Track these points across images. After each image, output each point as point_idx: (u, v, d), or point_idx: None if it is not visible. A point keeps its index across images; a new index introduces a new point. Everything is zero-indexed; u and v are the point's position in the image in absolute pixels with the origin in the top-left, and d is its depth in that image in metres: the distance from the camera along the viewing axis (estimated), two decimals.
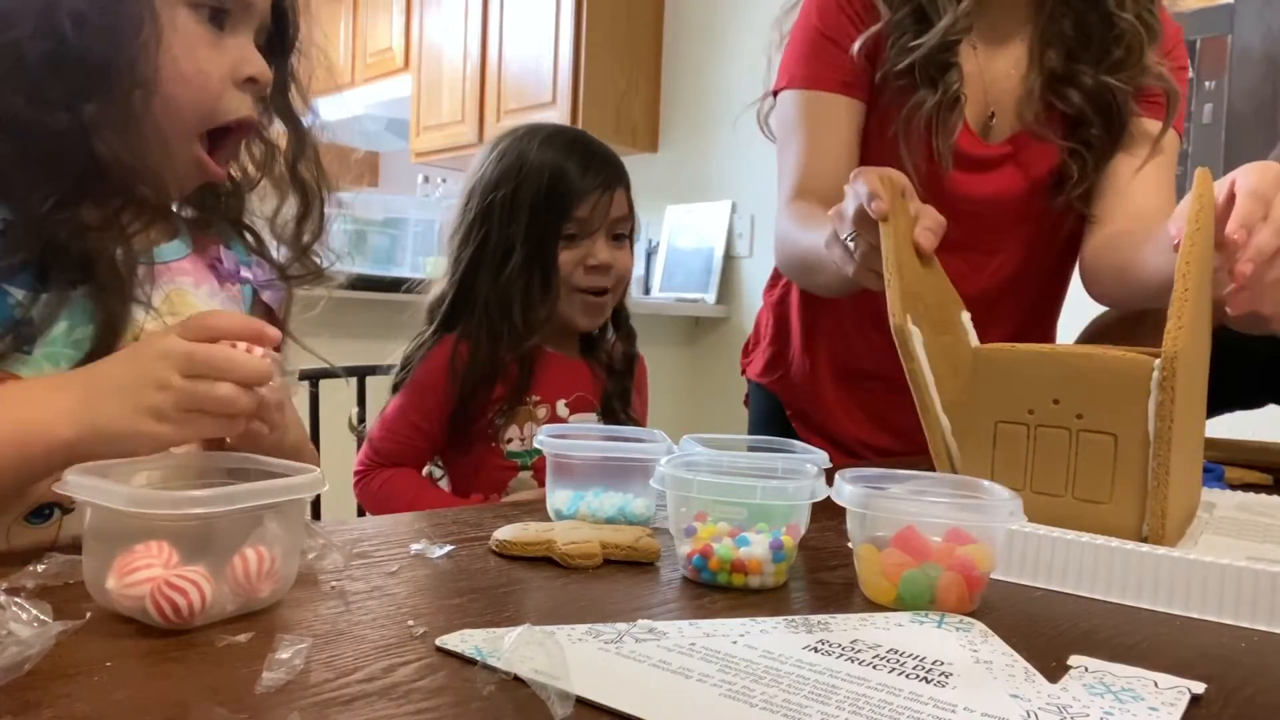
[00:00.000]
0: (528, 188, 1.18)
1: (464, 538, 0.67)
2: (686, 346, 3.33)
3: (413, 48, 3.85)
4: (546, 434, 0.75)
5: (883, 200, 0.79)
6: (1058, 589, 0.62)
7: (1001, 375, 0.71)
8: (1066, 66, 1.12)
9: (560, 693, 0.39)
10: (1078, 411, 0.68)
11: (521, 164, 1.19)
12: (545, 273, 1.18)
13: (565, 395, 1.23)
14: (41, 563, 0.52)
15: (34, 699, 0.38)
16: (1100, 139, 1.14)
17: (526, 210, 1.18)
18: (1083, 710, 0.42)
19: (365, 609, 0.52)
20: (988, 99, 1.15)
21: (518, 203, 1.18)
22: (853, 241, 0.85)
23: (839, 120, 1.14)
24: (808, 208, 1.11)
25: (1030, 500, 0.66)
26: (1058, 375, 0.69)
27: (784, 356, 1.32)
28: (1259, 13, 2.19)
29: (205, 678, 0.41)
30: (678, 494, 0.61)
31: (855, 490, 0.59)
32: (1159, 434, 0.64)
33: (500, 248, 1.19)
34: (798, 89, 1.16)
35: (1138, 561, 0.60)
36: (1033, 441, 0.70)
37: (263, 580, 0.49)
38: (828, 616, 0.54)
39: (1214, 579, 0.58)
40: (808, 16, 1.16)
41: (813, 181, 1.14)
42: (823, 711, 0.41)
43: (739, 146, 3.09)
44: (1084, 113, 1.13)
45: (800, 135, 1.16)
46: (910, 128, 1.10)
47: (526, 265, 1.18)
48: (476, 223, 1.21)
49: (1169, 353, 0.63)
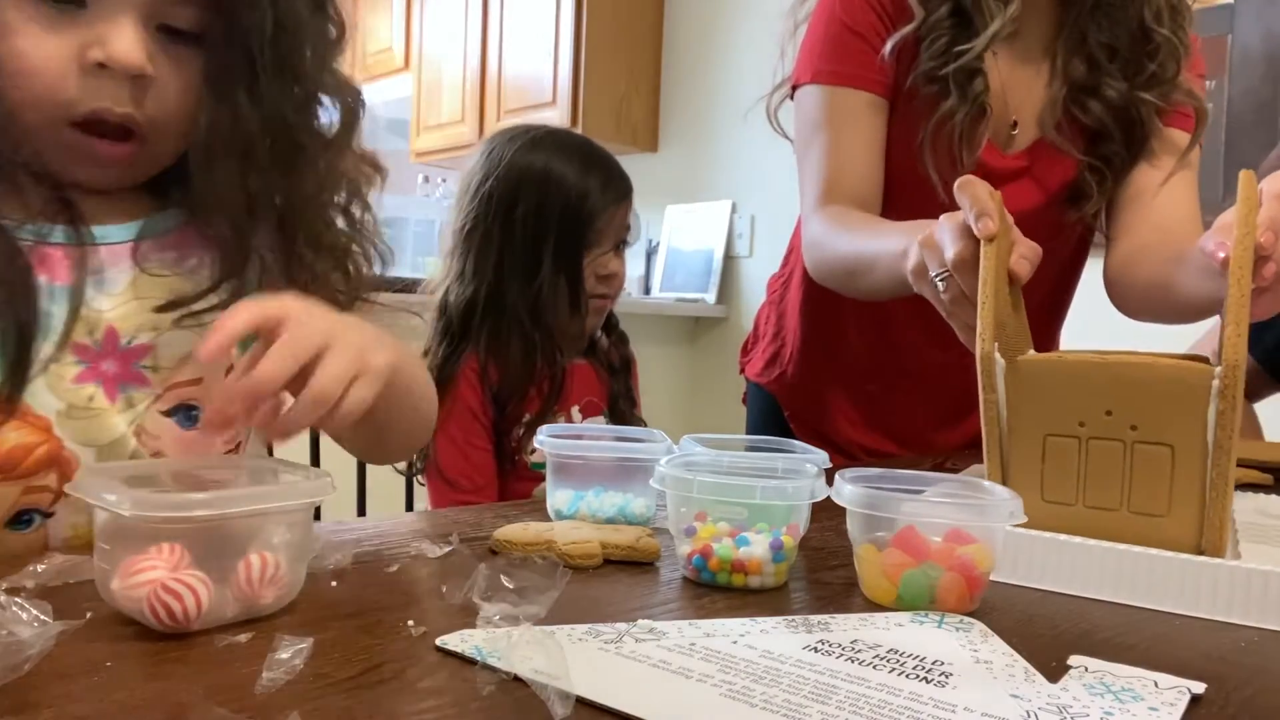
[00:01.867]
0: (553, 205, 1.19)
1: (464, 538, 0.67)
2: (686, 346, 3.33)
3: (413, 48, 3.85)
4: (546, 434, 0.75)
5: (993, 219, 0.73)
6: (1062, 590, 0.62)
7: (1049, 386, 0.68)
8: (1092, 77, 1.09)
9: (560, 693, 0.39)
10: (1132, 423, 0.65)
11: (545, 178, 1.20)
12: (574, 285, 1.20)
13: (578, 401, 1.24)
14: (41, 563, 0.52)
15: (34, 699, 0.38)
16: (1119, 155, 1.12)
17: (554, 226, 1.19)
18: (1083, 710, 0.42)
19: (365, 609, 0.52)
20: (1009, 108, 1.12)
21: (544, 218, 1.19)
22: (943, 282, 0.79)
23: (866, 119, 1.11)
24: (844, 211, 1.08)
25: (1084, 515, 0.66)
26: (1110, 385, 0.66)
27: (782, 356, 1.31)
28: (1259, 13, 2.19)
29: (205, 678, 0.41)
30: (678, 494, 0.61)
31: (855, 490, 0.59)
32: (1219, 444, 0.62)
33: (525, 258, 1.19)
34: (821, 85, 1.12)
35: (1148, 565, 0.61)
36: (1084, 455, 0.67)
37: (265, 586, 0.49)
38: (828, 616, 0.54)
39: (1240, 581, 0.58)
40: (830, 8, 1.12)
41: (842, 183, 1.11)
42: (823, 711, 0.41)
43: (739, 146, 3.09)
44: (1105, 126, 1.10)
45: (825, 135, 1.12)
46: (938, 137, 1.07)
47: (554, 277, 1.19)
48: (495, 230, 1.20)
49: (1230, 360, 0.61)
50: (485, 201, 1.21)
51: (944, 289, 0.79)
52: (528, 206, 1.19)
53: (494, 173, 1.21)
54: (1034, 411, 0.69)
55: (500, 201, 1.20)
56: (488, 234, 1.20)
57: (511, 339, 1.19)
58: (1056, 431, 0.68)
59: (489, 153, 1.24)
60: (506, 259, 1.20)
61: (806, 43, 1.15)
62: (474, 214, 1.22)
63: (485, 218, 1.21)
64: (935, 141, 1.07)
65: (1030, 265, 0.77)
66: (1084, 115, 1.10)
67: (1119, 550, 0.62)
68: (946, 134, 1.07)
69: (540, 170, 1.20)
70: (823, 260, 1.13)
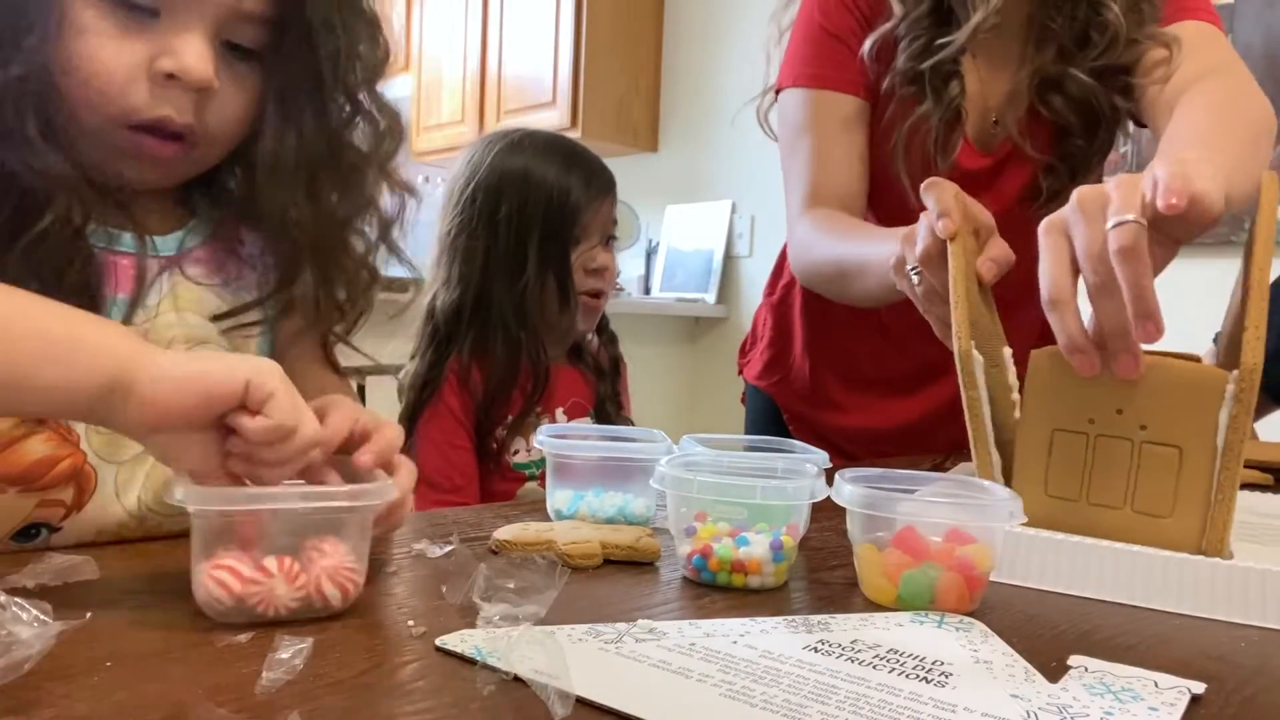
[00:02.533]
0: (536, 203, 1.20)
1: (464, 538, 0.67)
2: (686, 346, 3.33)
3: (413, 48, 3.85)
4: (546, 434, 0.75)
5: (952, 219, 0.74)
6: (1062, 590, 0.62)
7: (1062, 381, 0.68)
8: (1057, 68, 1.07)
9: (560, 693, 0.39)
10: (1142, 422, 0.65)
11: (525, 178, 1.21)
12: (562, 282, 1.21)
13: (562, 403, 1.25)
14: (41, 563, 0.52)
15: (34, 699, 0.38)
16: (1082, 150, 1.10)
17: (538, 225, 1.20)
18: (1083, 710, 0.42)
19: (365, 609, 0.52)
20: (987, 105, 1.11)
21: (527, 217, 1.20)
22: (917, 275, 0.79)
23: (848, 121, 1.11)
24: (830, 215, 1.08)
25: (1087, 512, 0.66)
26: (1122, 384, 0.65)
27: (784, 360, 1.31)
28: (1259, 13, 2.19)
29: (205, 678, 0.41)
30: (678, 494, 0.61)
31: (855, 490, 0.59)
32: (1230, 447, 0.62)
33: (510, 259, 1.20)
34: (802, 88, 1.12)
35: (1145, 564, 0.61)
36: (1091, 452, 0.67)
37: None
38: (828, 616, 0.54)
39: (1237, 581, 0.58)
40: (810, 12, 1.13)
41: (826, 187, 1.10)
42: (823, 711, 0.41)
43: (739, 146, 3.10)
44: (1068, 121, 1.09)
45: (809, 138, 1.12)
46: (912, 142, 1.06)
47: (541, 275, 1.20)
48: (479, 234, 1.21)
49: (1249, 364, 0.61)
50: (469, 206, 1.22)
51: (918, 283, 0.79)
52: (511, 207, 1.20)
53: (476, 177, 1.23)
54: (1044, 405, 0.68)
55: (483, 205, 1.21)
56: (473, 238, 1.22)
57: (497, 340, 1.20)
58: (1065, 426, 0.68)
59: (470, 159, 1.26)
60: (492, 261, 1.21)
61: (789, 47, 1.15)
62: (458, 219, 1.23)
63: (470, 222, 1.22)
64: (910, 145, 1.07)
65: (997, 268, 0.77)
66: (1046, 110, 1.09)
67: (1119, 550, 0.62)
68: (921, 137, 1.06)
69: (520, 171, 1.22)
70: (810, 265, 1.13)
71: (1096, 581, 0.62)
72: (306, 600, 0.49)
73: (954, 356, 0.70)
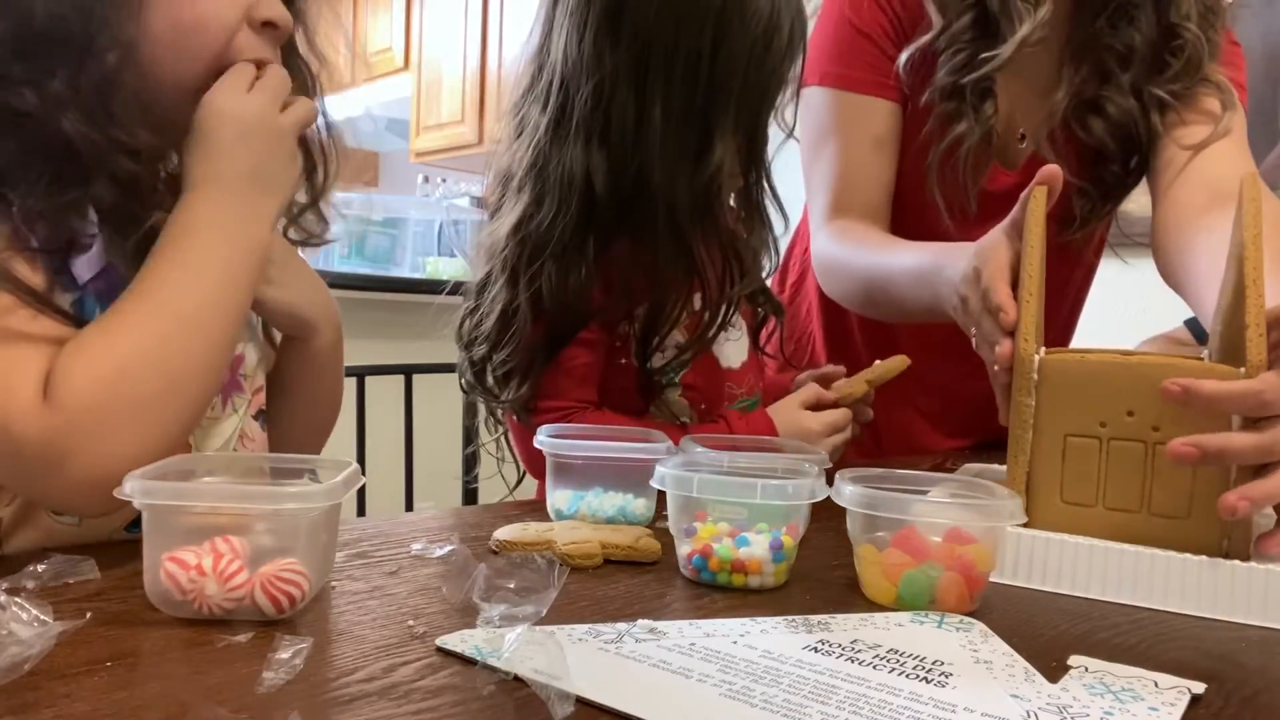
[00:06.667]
0: (739, 43, 0.85)
1: (464, 538, 0.67)
2: None
3: (413, 48, 3.85)
4: (546, 434, 0.75)
5: (1010, 314, 0.70)
6: (1062, 590, 0.62)
7: (1071, 386, 0.67)
8: (1098, 87, 1.04)
9: (560, 693, 0.39)
10: (1154, 424, 0.64)
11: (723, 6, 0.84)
12: (756, 159, 0.93)
13: None
14: (41, 563, 0.52)
15: (34, 699, 0.38)
16: (1116, 176, 1.07)
17: (740, 79, 0.86)
18: (1083, 710, 0.42)
19: (365, 609, 0.52)
20: (1014, 123, 1.07)
21: (723, 64, 0.85)
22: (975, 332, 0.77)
23: (876, 126, 1.07)
24: (855, 228, 1.05)
25: (1104, 517, 0.65)
26: (1132, 386, 0.65)
27: (798, 356, 1.29)
28: (1259, 13, 2.19)
29: (205, 678, 0.41)
30: (678, 494, 0.61)
31: (855, 490, 0.59)
32: None
33: (689, 131, 0.86)
34: (830, 88, 1.08)
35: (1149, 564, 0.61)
36: (1105, 456, 0.66)
37: None
38: (828, 616, 0.54)
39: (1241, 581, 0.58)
40: (839, 7, 1.08)
41: (851, 196, 1.07)
42: (823, 711, 0.41)
43: None
44: (1105, 145, 1.05)
45: (835, 143, 1.08)
46: (946, 163, 1.03)
47: (735, 155, 0.89)
48: (627, 98, 0.86)
49: (1256, 362, 0.61)
50: (594, 58, 0.86)
51: (975, 341, 0.77)
52: (693, 50, 0.84)
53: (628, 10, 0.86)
54: (1055, 411, 0.68)
55: (644, 54, 0.85)
56: (623, 103, 0.86)
57: (657, 234, 0.88)
58: (1077, 432, 0.67)
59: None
60: (647, 135, 0.86)
61: (814, 41, 1.09)
62: (589, 82, 0.87)
63: (612, 79, 0.86)
64: (944, 167, 1.03)
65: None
66: (1084, 133, 1.05)
67: (1118, 550, 0.62)
68: (955, 160, 1.03)
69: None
70: (839, 280, 1.10)
71: (1096, 582, 0.62)
72: (241, 604, 0.48)
73: (988, 370, 0.69)
